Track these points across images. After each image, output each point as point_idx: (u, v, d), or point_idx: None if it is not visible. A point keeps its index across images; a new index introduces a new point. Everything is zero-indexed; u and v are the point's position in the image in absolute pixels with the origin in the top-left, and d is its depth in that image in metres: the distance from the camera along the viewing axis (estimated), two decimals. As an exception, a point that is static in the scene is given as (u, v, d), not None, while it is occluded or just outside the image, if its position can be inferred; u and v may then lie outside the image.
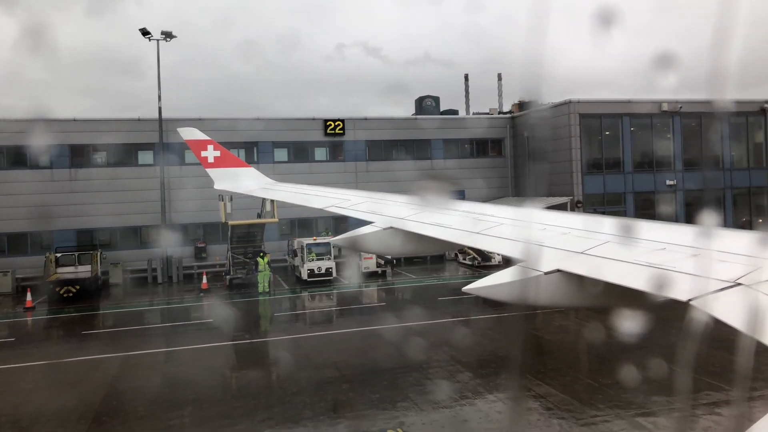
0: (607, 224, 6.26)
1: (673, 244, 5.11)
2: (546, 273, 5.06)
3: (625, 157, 37.74)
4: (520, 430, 12.52)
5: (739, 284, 3.88)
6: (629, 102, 37.99)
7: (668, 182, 37.50)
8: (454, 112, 50.53)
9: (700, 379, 14.84)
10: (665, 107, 37.64)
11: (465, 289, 5.48)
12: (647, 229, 5.86)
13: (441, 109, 48.52)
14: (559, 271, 5.06)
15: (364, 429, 12.84)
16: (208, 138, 15.26)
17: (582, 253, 5.38)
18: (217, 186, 14.52)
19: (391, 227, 7.93)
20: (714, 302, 3.75)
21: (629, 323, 4.86)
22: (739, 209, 39.08)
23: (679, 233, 5.47)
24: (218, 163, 14.72)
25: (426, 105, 48.87)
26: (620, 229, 6.03)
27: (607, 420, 12.74)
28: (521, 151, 42.24)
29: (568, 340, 19.97)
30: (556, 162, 38.44)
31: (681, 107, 37.67)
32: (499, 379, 15.58)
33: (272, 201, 31.74)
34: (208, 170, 14.68)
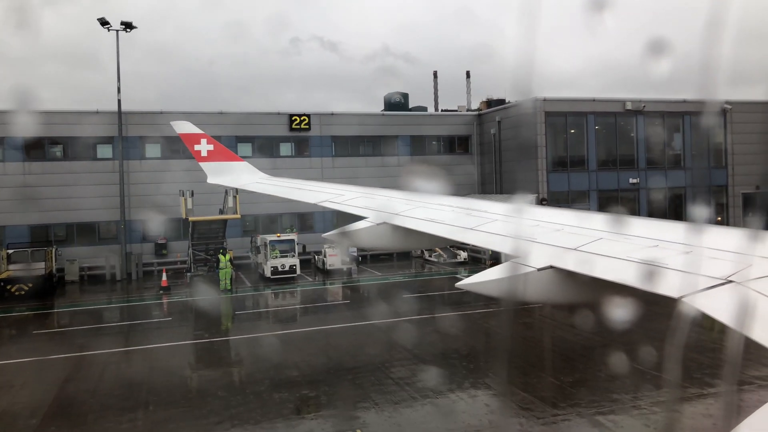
0: (600, 221, 6.31)
1: (666, 240, 5.12)
2: (539, 269, 5.05)
3: (589, 155, 38.06)
4: (481, 429, 12.34)
5: (731, 281, 3.90)
6: (594, 100, 38.33)
7: (631, 180, 37.97)
8: (423, 108, 50.54)
9: (661, 377, 14.90)
10: (629, 106, 38.07)
11: (459, 284, 5.49)
12: (640, 225, 5.91)
13: (410, 106, 48.45)
14: (552, 267, 5.06)
15: (323, 430, 12.51)
16: (201, 132, 15.11)
17: (575, 249, 5.38)
18: (210, 180, 14.37)
19: (385, 223, 7.93)
20: (705, 299, 3.77)
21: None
22: (701, 209, 39.72)
23: (671, 230, 5.52)
24: (211, 156, 14.55)
25: (395, 101, 48.72)
26: (613, 226, 5.98)
27: (567, 419, 12.64)
28: (488, 148, 42.30)
29: (533, 337, 19.92)
30: (522, 160, 38.59)
31: (644, 106, 38.16)
32: (461, 378, 15.40)
33: (235, 197, 31.23)
34: (201, 164, 14.51)
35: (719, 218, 38.67)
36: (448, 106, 64.10)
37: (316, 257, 34.92)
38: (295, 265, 31.32)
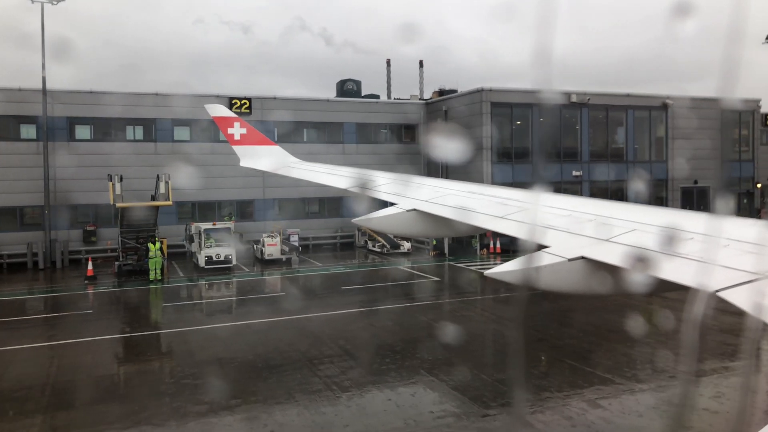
0: (630, 211, 6.39)
1: (694, 233, 5.09)
2: (569, 260, 5.10)
3: (533, 147, 37.96)
4: (408, 429, 11.68)
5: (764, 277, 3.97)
6: (539, 92, 38.14)
7: (574, 173, 38.07)
8: (376, 97, 49.90)
9: (593, 373, 14.56)
10: (574, 98, 38.09)
11: (487, 273, 5.46)
12: (683, 219, 5.84)
13: (363, 94, 47.69)
14: (583, 258, 5.10)
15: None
16: (235, 115, 15.42)
17: (607, 240, 5.40)
18: (243, 163, 14.46)
19: (415, 210, 7.99)
20: (740, 294, 3.81)
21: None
22: (641, 202, 40.32)
23: (693, 221, 5.53)
24: (244, 140, 14.69)
25: (347, 88, 48.04)
26: (645, 218, 5.95)
27: (496, 420, 12.09)
28: (434, 137, 41.75)
29: (472, 331, 19.42)
30: (468, 150, 38.17)
31: (589, 99, 38.26)
32: (390, 375, 14.70)
33: (167, 183, 29.72)
34: (235, 147, 14.66)
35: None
36: (402, 95, 63.50)
37: (255, 246, 33.72)
38: (230, 255, 30.08)
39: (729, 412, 11.90)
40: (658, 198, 40.74)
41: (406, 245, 35.65)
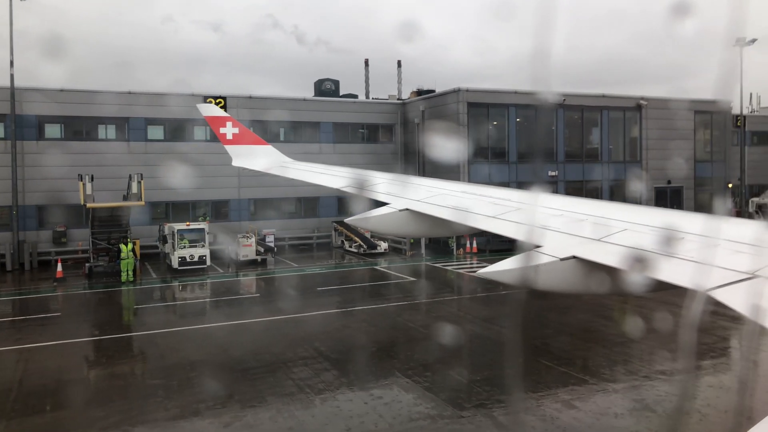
0: (622, 211, 6.45)
1: (690, 233, 5.14)
2: (561, 259, 5.15)
3: (510, 147, 38.08)
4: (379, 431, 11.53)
5: (758, 276, 4.00)
6: (515, 92, 38.34)
7: (550, 173, 38.25)
8: (354, 96, 49.73)
9: (569, 373, 14.56)
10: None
11: (479, 273, 5.56)
12: (671, 217, 5.97)
13: (341, 93, 47.47)
14: (574, 257, 5.14)
15: (206, 441, 11.35)
16: (227, 115, 15.67)
17: (599, 240, 5.47)
18: (235, 163, 14.49)
19: (407, 209, 8.04)
20: (731, 293, 3.85)
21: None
22: (616, 201, 40.64)
23: (686, 221, 5.63)
24: (236, 140, 14.68)
25: (325, 88, 47.82)
26: (638, 219, 5.99)
27: (471, 422, 11.99)
28: (411, 138, 41.71)
29: (448, 331, 19.33)
30: (445, 150, 38.13)
31: (564, 100, 38.47)
32: (365, 377, 14.53)
33: (139, 182, 29.19)
34: (227, 147, 14.67)
35: None
36: (380, 95, 63.40)
37: (230, 247, 33.26)
38: (204, 256, 29.64)
39: (702, 413, 11.96)
40: (632, 198, 41.13)
41: (383, 245, 35.51)
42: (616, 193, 40.59)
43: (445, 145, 38.12)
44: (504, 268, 5.31)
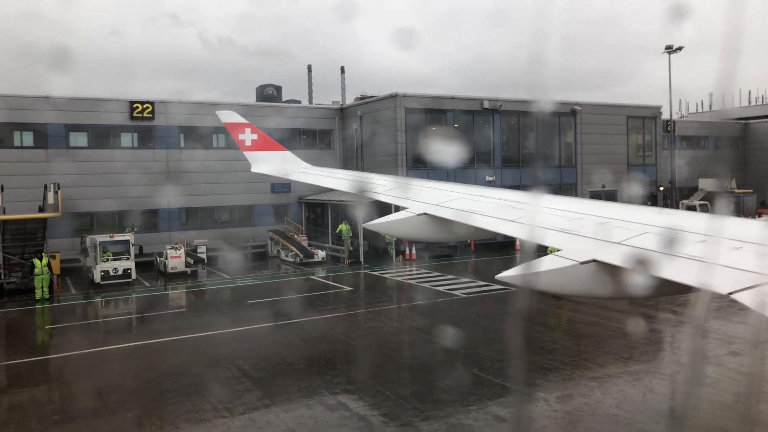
0: (642, 214, 6.34)
1: (712, 236, 5.13)
2: (581, 263, 5.10)
3: (448, 152, 37.84)
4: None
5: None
6: (453, 98, 38.20)
7: (487, 178, 38.24)
8: (297, 102, 48.90)
9: (491, 380, 14.08)
10: (486, 105, 38.34)
11: (498, 276, 5.37)
12: (688, 220, 5.86)
13: (283, 99, 46.63)
14: (594, 261, 5.09)
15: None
16: (246, 121, 15.45)
17: (619, 243, 5.40)
18: (254, 169, 14.49)
19: (425, 213, 8.04)
20: (753, 296, 3.84)
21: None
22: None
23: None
24: (255, 146, 14.83)
25: (267, 93, 46.82)
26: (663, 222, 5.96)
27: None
28: (350, 143, 41.03)
29: (381, 344, 18.63)
30: (383, 156, 37.66)
31: (501, 105, 38.60)
32: (289, 397, 13.65)
33: (56, 192, 27.44)
34: (246, 153, 14.71)
35: None
36: (324, 101, 62.71)
37: (158, 259, 31.71)
38: (129, 269, 28.03)
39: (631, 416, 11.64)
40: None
41: (321, 254, 34.61)
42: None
43: (382, 150, 37.63)
44: (520, 272, 5.38)
